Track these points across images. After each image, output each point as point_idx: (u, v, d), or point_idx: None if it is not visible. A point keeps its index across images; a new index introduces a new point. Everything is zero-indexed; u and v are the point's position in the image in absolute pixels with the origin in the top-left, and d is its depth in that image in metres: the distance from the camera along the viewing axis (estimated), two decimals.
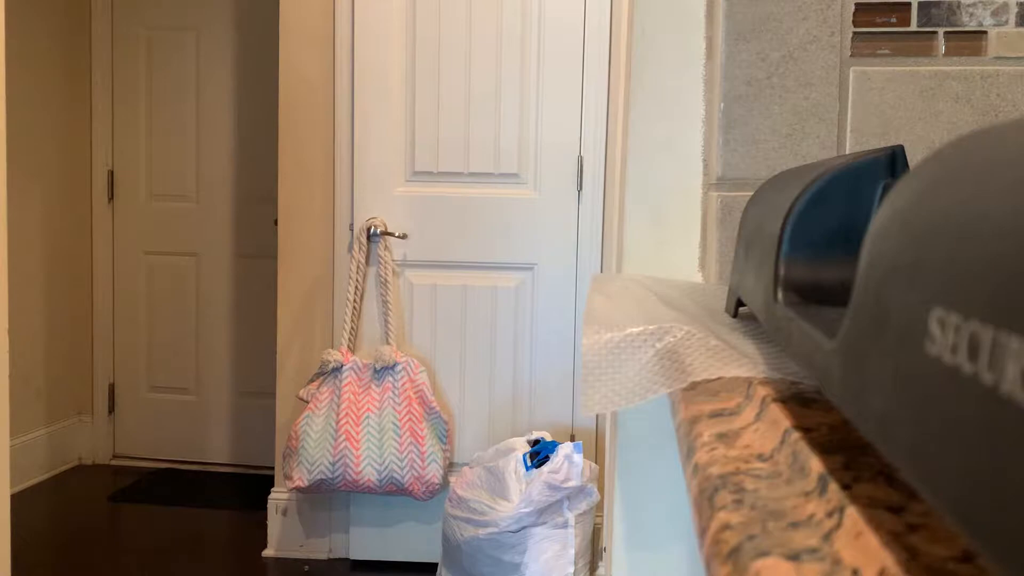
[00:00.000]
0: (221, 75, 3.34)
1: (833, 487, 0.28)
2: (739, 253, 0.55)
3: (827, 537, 0.25)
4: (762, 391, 0.41)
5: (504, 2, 2.44)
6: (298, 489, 2.36)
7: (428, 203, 2.48)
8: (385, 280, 2.46)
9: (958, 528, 0.17)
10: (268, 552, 2.62)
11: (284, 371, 2.61)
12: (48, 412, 3.26)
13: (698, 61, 0.82)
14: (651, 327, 0.53)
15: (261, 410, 3.32)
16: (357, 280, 2.45)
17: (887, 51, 0.76)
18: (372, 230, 2.45)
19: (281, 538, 2.62)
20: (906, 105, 0.76)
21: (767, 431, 0.36)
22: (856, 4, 0.76)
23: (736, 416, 0.40)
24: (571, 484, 2.06)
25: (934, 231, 0.20)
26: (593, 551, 2.25)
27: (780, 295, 0.41)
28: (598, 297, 0.66)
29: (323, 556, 2.60)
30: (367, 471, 2.32)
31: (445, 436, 2.41)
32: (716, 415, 0.41)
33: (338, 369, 2.38)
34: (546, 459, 2.10)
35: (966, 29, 0.75)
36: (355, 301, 2.46)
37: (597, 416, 2.49)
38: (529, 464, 2.11)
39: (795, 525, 0.26)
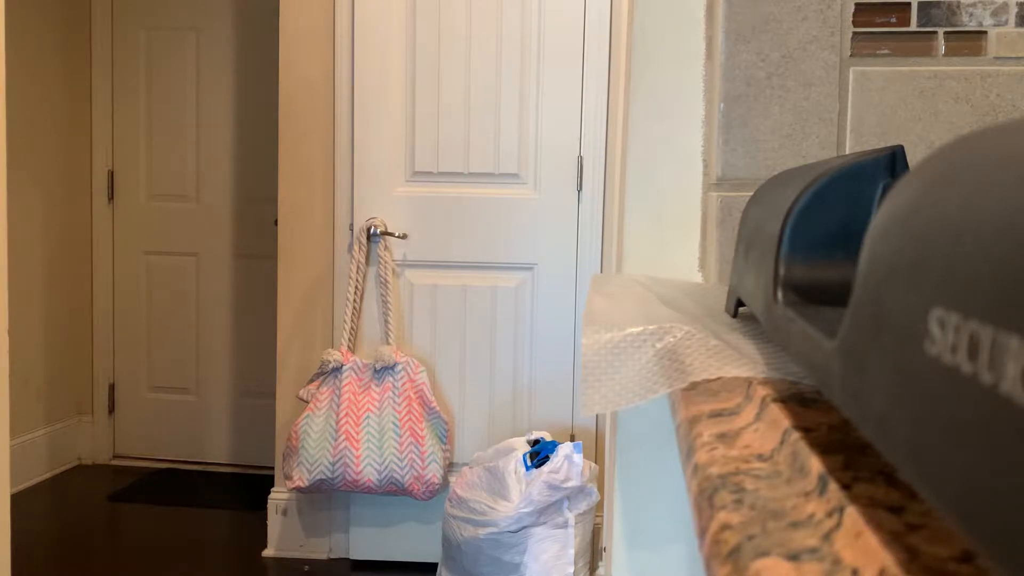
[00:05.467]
0: (221, 75, 3.34)
1: (833, 487, 0.28)
2: (739, 253, 0.55)
3: (827, 537, 0.25)
4: (762, 391, 0.41)
5: (504, 2, 2.44)
6: (298, 489, 2.36)
7: (428, 203, 2.48)
8: (385, 280, 2.46)
9: (958, 528, 0.17)
10: (268, 552, 2.62)
11: (284, 371, 2.61)
12: (48, 412, 3.26)
13: (698, 61, 0.82)
14: (651, 327, 0.53)
15: (261, 410, 3.32)
16: (357, 280, 2.45)
17: (887, 51, 0.76)
18: (372, 230, 2.45)
19: (281, 538, 2.62)
20: (906, 105, 0.76)
21: (767, 431, 0.36)
22: (856, 4, 0.76)
23: (736, 416, 0.40)
24: (571, 484, 2.06)
25: (934, 231, 0.20)
26: (593, 551, 2.25)
27: (780, 295, 0.41)
28: (598, 297, 0.66)
29: (323, 556, 2.60)
30: (367, 471, 2.32)
31: (445, 436, 2.41)
32: (716, 415, 0.41)
33: (338, 369, 2.38)
34: (546, 459, 2.10)
35: (966, 29, 0.75)
36: (355, 301, 2.46)
37: (597, 416, 2.49)
38: (529, 464, 2.11)
39: (795, 525, 0.26)
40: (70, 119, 3.32)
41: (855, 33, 0.76)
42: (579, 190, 2.47)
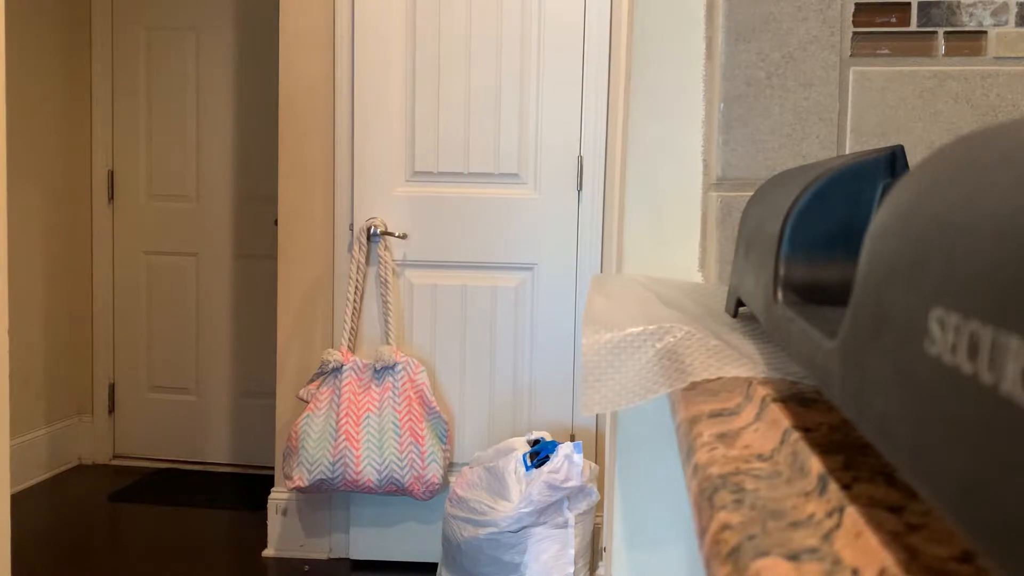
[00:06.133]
0: (221, 75, 3.34)
1: (833, 487, 0.28)
2: (739, 253, 0.55)
3: (827, 537, 0.25)
4: (762, 391, 0.41)
5: (504, 2, 2.44)
6: (298, 489, 2.36)
7: (428, 203, 2.48)
8: (385, 280, 2.46)
9: (958, 528, 0.17)
10: (268, 552, 2.62)
11: (284, 371, 2.61)
12: (48, 412, 3.26)
13: (698, 61, 0.82)
14: (651, 327, 0.53)
15: (261, 410, 3.32)
16: (357, 280, 2.45)
17: (887, 51, 0.76)
18: (372, 230, 2.45)
19: (281, 538, 2.62)
20: (906, 105, 0.76)
21: (767, 431, 0.36)
22: (856, 4, 0.76)
23: (736, 416, 0.40)
24: (571, 484, 2.06)
25: (934, 231, 0.20)
26: (593, 551, 2.25)
27: (780, 295, 0.41)
28: (598, 297, 0.66)
29: (323, 556, 2.60)
30: (367, 471, 2.32)
31: (445, 436, 2.41)
32: (716, 415, 0.41)
33: (338, 369, 2.38)
34: (546, 459, 2.10)
35: (966, 29, 0.75)
36: (355, 301, 2.46)
37: (597, 416, 2.49)
38: (529, 464, 2.11)
39: (795, 525, 0.26)
40: (70, 119, 3.32)
41: (855, 33, 0.76)
42: (579, 190, 2.47)
